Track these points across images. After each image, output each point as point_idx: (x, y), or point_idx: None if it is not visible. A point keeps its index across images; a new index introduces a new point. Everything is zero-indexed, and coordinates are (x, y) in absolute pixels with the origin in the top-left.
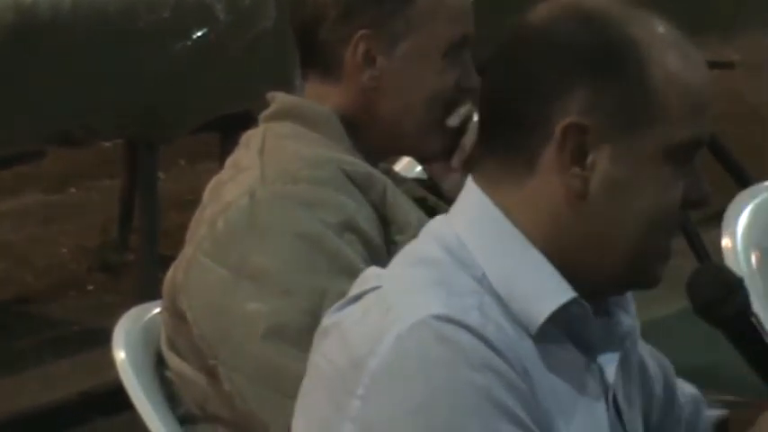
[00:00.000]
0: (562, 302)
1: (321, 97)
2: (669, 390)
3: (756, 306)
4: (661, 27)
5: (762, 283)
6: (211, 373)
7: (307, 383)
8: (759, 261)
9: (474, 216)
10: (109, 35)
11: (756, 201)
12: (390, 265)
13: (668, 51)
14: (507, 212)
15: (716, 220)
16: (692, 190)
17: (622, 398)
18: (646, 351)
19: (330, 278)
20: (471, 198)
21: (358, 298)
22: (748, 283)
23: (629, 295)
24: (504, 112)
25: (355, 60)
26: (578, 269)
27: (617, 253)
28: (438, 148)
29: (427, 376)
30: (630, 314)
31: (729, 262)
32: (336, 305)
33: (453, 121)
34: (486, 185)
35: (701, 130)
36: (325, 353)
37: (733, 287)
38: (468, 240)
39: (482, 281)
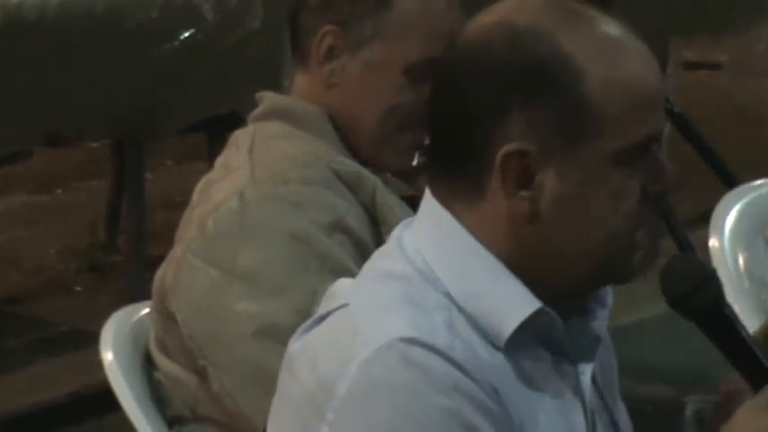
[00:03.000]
0: (527, 315)
1: (301, 86)
2: None
3: (743, 305)
4: (599, 29)
5: (749, 282)
6: (201, 374)
7: (276, 403)
8: (746, 261)
9: (435, 233)
10: (96, 35)
11: (743, 201)
12: (358, 278)
13: (605, 57)
14: (466, 228)
15: (703, 220)
16: (653, 182)
17: (607, 397)
18: None
19: (320, 278)
20: (431, 213)
21: (324, 317)
22: (735, 282)
23: (608, 288)
24: (446, 139)
25: (318, 53)
26: (543, 279)
27: (579, 264)
28: (390, 164)
29: (395, 401)
30: (607, 307)
31: (717, 262)
32: (303, 326)
33: None
34: (443, 202)
35: (650, 126)
36: (295, 374)
37: (705, 278)
38: (430, 259)
39: (448, 297)
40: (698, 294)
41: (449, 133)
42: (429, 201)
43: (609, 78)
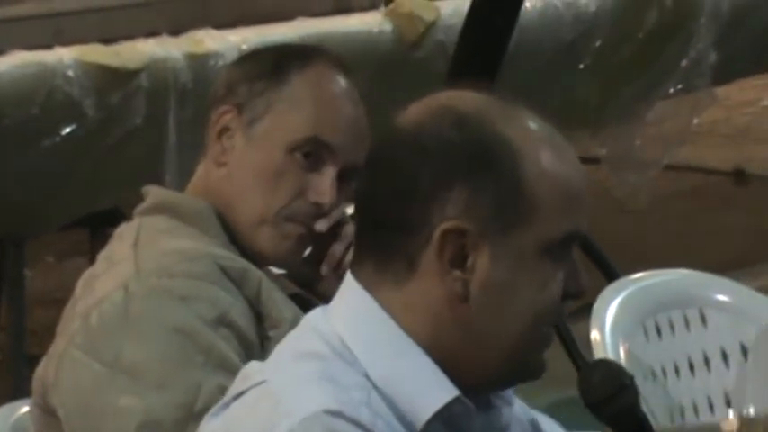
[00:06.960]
0: (444, 402)
1: (196, 176)
2: None
3: None
4: (533, 123)
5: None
6: None
7: None
8: (627, 352)
9: (355, 315)
10: None
11: (623, 294)
12: (272, 359)
13: (540, 148)
14: (388, 310)
15: (584, 312)
16: (571, 282)
17: None
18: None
19: (205, 373)
20: (352, 295)
21: (242, 394)
22: None
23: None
24: (380, 217)
25: (212, 134)
26: (462, 366)
27: (501, 350)
28: (270, 252)
29: None
30: (511, 404)
31: (598, 354)
32: (219, 404)
33: (321, 225)
34: (367, 284)
35: (576, 223)
36: None
37: (622, 385)
38: (349, 340)
39: (366, 378)
40: (615, 401)
41: (386, 210)
42: (350, 283)
43: (544, 168)
